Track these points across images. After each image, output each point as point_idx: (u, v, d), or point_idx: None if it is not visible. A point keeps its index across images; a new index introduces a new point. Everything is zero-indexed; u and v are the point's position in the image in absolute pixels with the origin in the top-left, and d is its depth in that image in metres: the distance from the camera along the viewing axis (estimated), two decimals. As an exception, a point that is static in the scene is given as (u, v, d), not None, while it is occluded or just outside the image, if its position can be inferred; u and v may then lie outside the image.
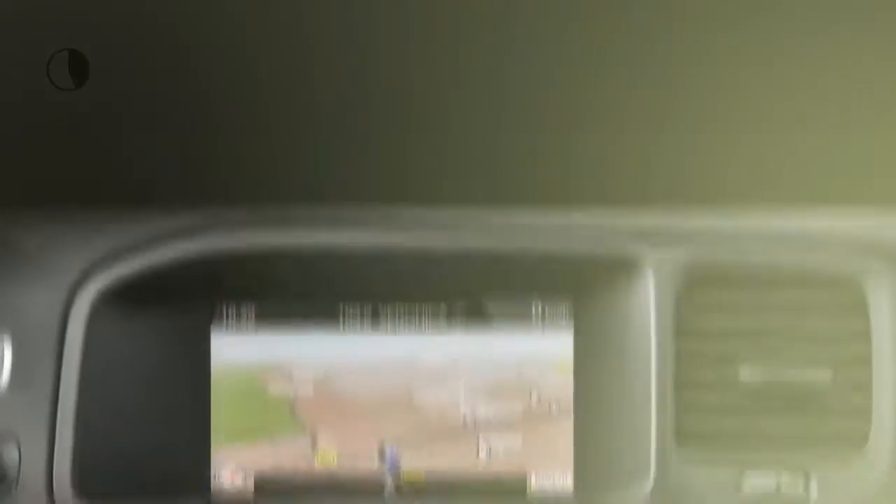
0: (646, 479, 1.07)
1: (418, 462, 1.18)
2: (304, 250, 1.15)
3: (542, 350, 1.19)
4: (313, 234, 1.14)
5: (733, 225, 1.13)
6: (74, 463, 1.09)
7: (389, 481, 1.18)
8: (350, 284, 1.20)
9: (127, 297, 1.14)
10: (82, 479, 1.09)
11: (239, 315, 1.21)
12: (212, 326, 1.21)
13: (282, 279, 1.20)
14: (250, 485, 1.19)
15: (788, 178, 1.12)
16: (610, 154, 1.11)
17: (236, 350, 1.21)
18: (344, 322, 1.20)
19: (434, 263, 1.17)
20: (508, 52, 1.01)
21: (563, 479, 1.17)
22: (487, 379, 1.19)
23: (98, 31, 0.97)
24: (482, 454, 1.18)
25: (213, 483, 1.19)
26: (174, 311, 1.18)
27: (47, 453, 1.09)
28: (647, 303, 1.11)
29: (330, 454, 1.19)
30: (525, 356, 1.19)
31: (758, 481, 1.06)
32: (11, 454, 1.09)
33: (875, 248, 1.13)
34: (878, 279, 1.11)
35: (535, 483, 1.17)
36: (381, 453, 1.19)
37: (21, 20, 0.95)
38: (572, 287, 1.19)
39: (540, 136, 1.11)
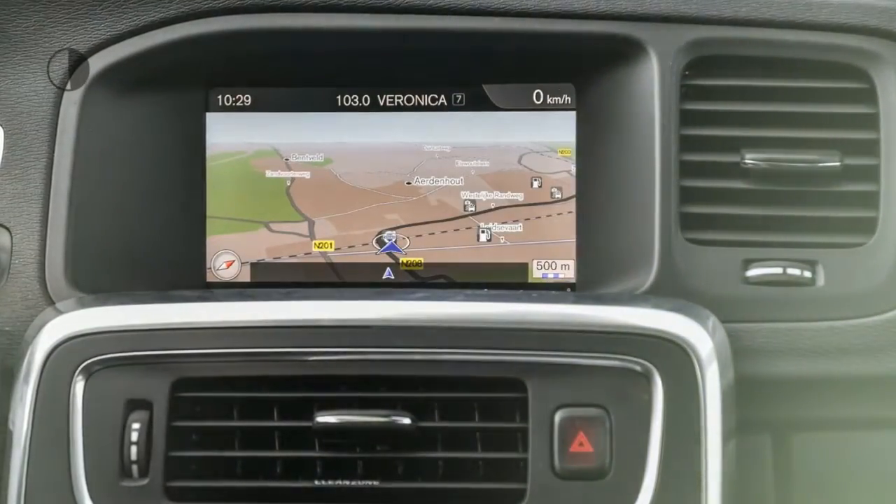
0: (649, 266, 1.06)
1: (417, 248, 1.17)
2: (299, 34, 1.10)
3: (543, 136, 1.17)
4: (308, 18, 1.09)
5: (737, 6, 1.09)
6: (67, 252, 1.07)
7: (388, 267, 1.18)
8: (347, 73, 1.16)
9: (121, 81, 1.10)
10: (75, 268, 1.07)
11: (235, 102, 1.17)
12: (207, 112, 1.17)
13: (277, 67, 1.16)
14: (246, 273, 1.18)
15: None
16: None
17: (232, 136, 1.17)
18: (342, 110, 1.17)
19: (433, 49, 1.13)
20: None
21: (564, 266, 1.17)
22: (488, 165, 1.17)
23: None
24: (482, 242, 1.17)
25: (209, 272, 1.18)
26: (169, 95, 1.14)
27: (39, 242, 1.06)
28: (650, 86, 1.08)
29: (327, 241, 1.17)
30: (526, 142, 1.17)
31: (763, 266, 1.07)
32: (3, 243, 1.06)
33: (883, 33, 1.09)
34: (886, 64, 1.09)
35: (536, 271, 1.17)
36: (380, 239, 1.17)
37: None
38: (574, 71, 1.15)
39: None
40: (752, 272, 1.06)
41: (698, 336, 0.96)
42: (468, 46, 1.12)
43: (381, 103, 1.17)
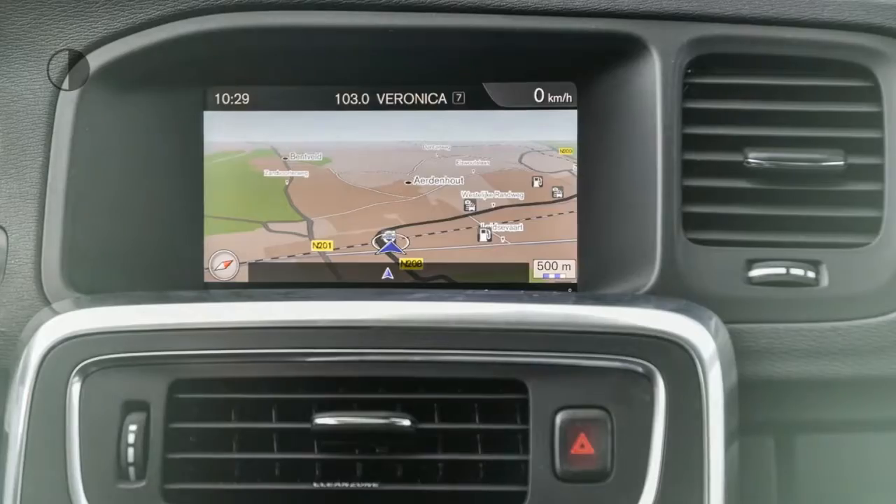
0: (651, 266, 1.05)
1: (417, 248, 1.16)
2: (297, 32, 1.09)
3: (544, 135, 1.16)
4: (306, 16, 1.09)
5: (739, 4, 1.08)
6: (63, 252, 1.06)
7: (387, 267, 1.17)
8: (346, 71, 1.15)
9: (118, 80, 1.09)
10: (72, 268, 1.06)
11: (233, 100, 1.16)
12: (204, 110, 1.16)
13: (276, 65, 1.15)
14: (244, 273, 1.17)
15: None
16: None
17: (230, 135, 1.16)
18: (341, 108, 1.16)
19: (432, 47, 1.12)
20: None
21: (565, 266, 1.16)
22: (488, 165, 1.16)
23: None
24: (482, 242, 1.16)
25: (206, 272, 1.17)
26: (166, 93, 1.13)
27: (35, 242, 1.06)
28: (652, 84, 1.07)
29: (326, 240, 1.17)
30: (527, 141, 1.16)
31: (766, 266, 1.06)
32: (-1, 242, 1.05)
33: (887, 31, 1.08)
34: (891, 63, 1.08)
35: (537, 271, 1.16)
36: (379, 239, 1.16)
37: None
38: (576, 69, 1.14)
39: None
40: (756, 272, 1.06)
41: (701, 337, 0.95)
42: (468, 44, 1.11)
43: (381, 102, 1.16)
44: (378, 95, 1.16)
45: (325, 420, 0.92)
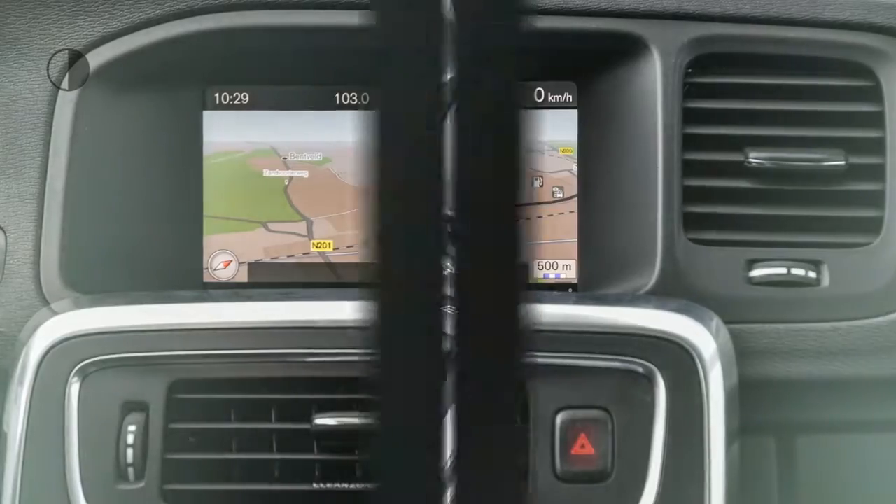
0: (652, 266, 1.05)
1: (417, 249, 1.16)
2: (297, 31, 1.09)
3: (544, 134, 1.15)
4: (306, 15, 1.08)
5: (740, 3, 1.08)
6: (62, 252, 1.06)
7: (387, 269, 1.16)
8: (346, 70, 1.14)
9: (117, 79, 1.09)
10: (70, 268, 1.06)
11: (232, 100, 1.15)
12: (204, 110, 1.16)
13: (275, 65, 1.14)
14: (244, 273, 1.17)
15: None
16: None
17: (229, 134, 1.16)
18: (341, 108, 1.16)
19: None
20: None
21: (566, 266, 1.16)
22: (488, 164, 1.16)
23: None
24: (482, 241, 1.16)
25: (206, 272, 1.17)
26: (165, 93, 1.13)
27: (34, 242, 1.05)
28: (653, 84, 1.07)
29: (326, 240, 1.16)
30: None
31: (767, 266, 1.05)
32: (-3, 243, 1.05)
33: (888, 31, 1.08)
34: (892, 62, 1.08)
35: (537, 271, 1.16)
36: (380, 240, 1.16)
37: None
38: (576, 69, 1.14)
39: None
40: (756, 272, 1.05)
41: (702, 337, 0.95)
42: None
43: (381, 101, 1.16)
44: (378, 95, 1.16)
45: (324, 420, 0.92)
